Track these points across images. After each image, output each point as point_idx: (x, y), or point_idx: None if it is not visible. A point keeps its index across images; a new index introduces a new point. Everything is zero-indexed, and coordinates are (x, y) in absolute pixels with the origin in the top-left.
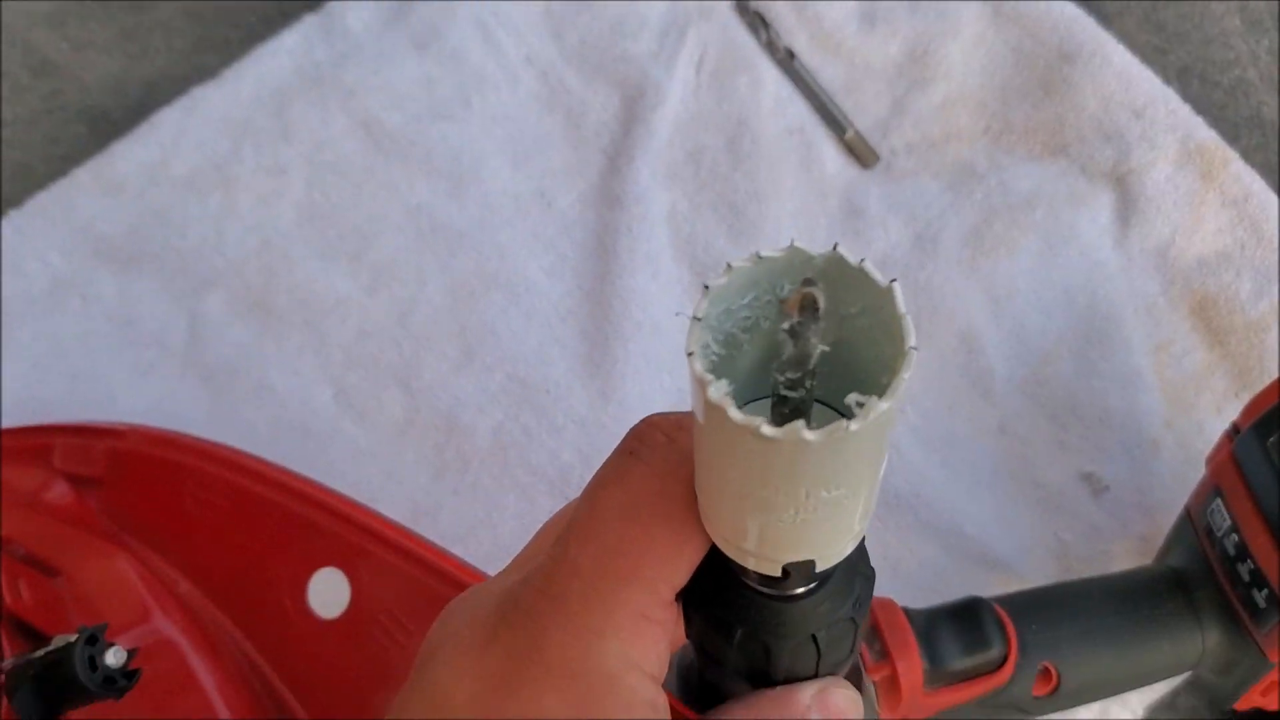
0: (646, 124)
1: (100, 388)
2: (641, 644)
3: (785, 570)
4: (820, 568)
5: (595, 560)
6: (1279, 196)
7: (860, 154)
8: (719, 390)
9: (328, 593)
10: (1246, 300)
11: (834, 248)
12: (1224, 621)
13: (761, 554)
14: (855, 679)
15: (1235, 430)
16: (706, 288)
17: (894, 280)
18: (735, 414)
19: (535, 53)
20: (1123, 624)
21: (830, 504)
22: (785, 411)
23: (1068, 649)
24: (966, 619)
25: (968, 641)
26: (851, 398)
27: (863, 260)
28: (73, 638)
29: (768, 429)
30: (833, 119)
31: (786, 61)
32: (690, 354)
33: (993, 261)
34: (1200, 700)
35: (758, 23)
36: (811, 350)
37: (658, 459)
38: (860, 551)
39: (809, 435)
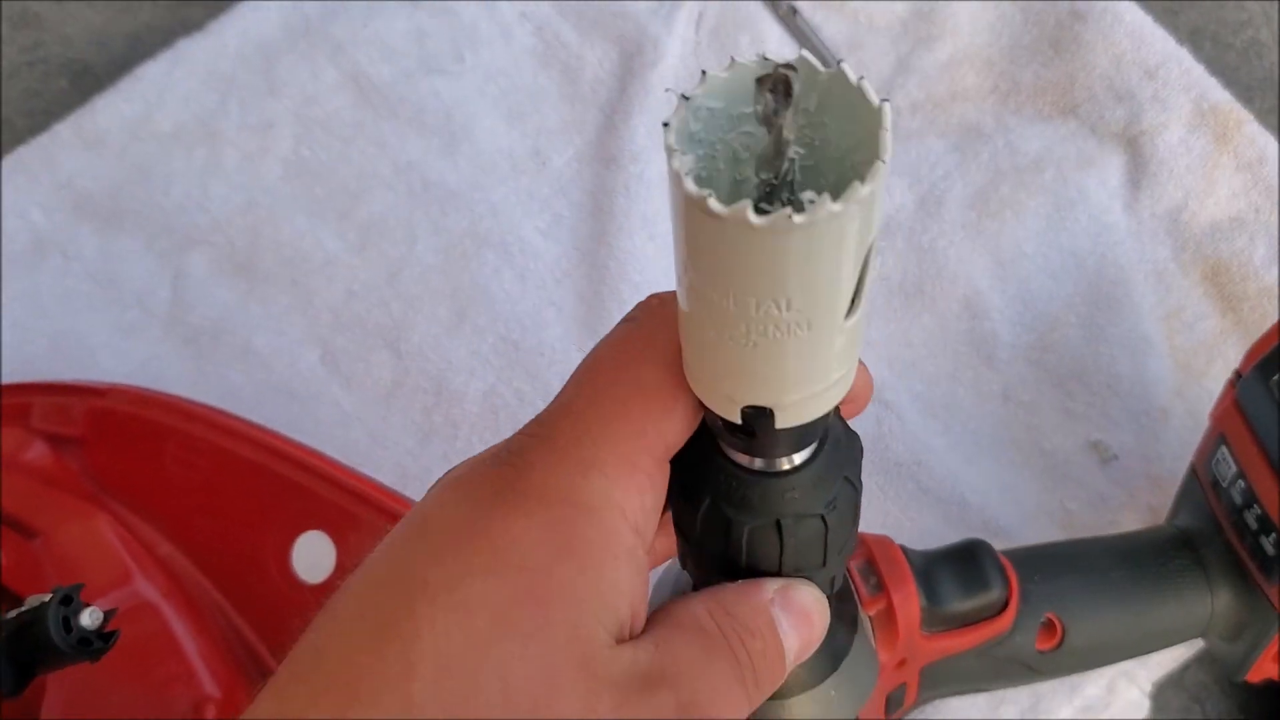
0: (644, 81)
1: (82, 348)
2: (625, 487)
3: (745, 419)
4: (781, 424)
5: (587, 403)
6: None
7: None
8: (682, 163)
9: (313, 557)
10: (1260, 266)
11: (838, 63)
12: (1233, 578)
13: (719, 390)
14: (850, 613)
15: (1237, 376)
16: (705, 74)
17: (885, 100)
18: (690, 185)
19: (530, 6)
20: (1129, 579)
21: (784, 329)
22: None
23: (1072, 601)
24: (966, 559)
25: (967, 582)
26: (806, 194)
27: (861, 78)
28: (47, 598)
29: (714, 203)
30: None
31: (789, 18)
32: (665, 124)
33: (999, 224)
34: (1210, 675)
35: None
36: (785, 143)
37: (652, 319)
38: (846, 456)
39: (753, 217)
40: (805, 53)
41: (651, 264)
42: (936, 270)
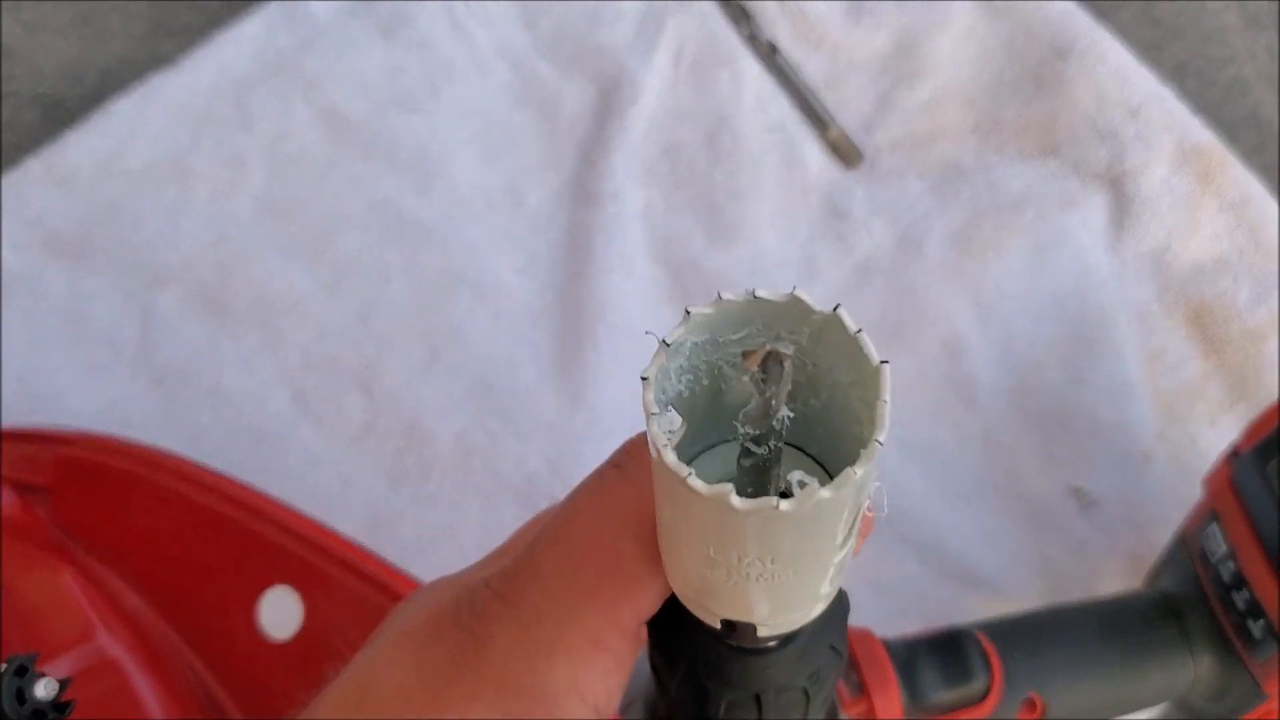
0: (622, 118)
1: (49, 388)
2: (590, 671)
3: (727, 624)
4: (764, 634)
5: (558, 569)
6: (1278, 200)
7: (844, 152)
8: (661, 425)
9: (279, 613)
10: (1244, 308)
11: (835, 308)
12: (1217, 649)
13: (700, 603)
14: (830, 717)
15: (1235, 453)
16: (688, 313)
17: (885, 362)
18: (670, 457)
19: (507, 42)
20: (1111, 652)
21: (768, 577)
22: (745, 465)
23: (1053, 678)
24: (949, 650)
25: (950, 674)
26: (794, 475)
27: (859, 331)
28: (1, 668)
29: (695, 481)
30: (815, 116)
31: (769, 55)
32: (644, 379)
33: (979, 265)
34: None
35: (739, 15)
36: (774, 410)
37: (641, 475)
38: (833, 625)
39: (736, 502)
40: (799, 291)
41: (629, 304)
42: (916, 311)
